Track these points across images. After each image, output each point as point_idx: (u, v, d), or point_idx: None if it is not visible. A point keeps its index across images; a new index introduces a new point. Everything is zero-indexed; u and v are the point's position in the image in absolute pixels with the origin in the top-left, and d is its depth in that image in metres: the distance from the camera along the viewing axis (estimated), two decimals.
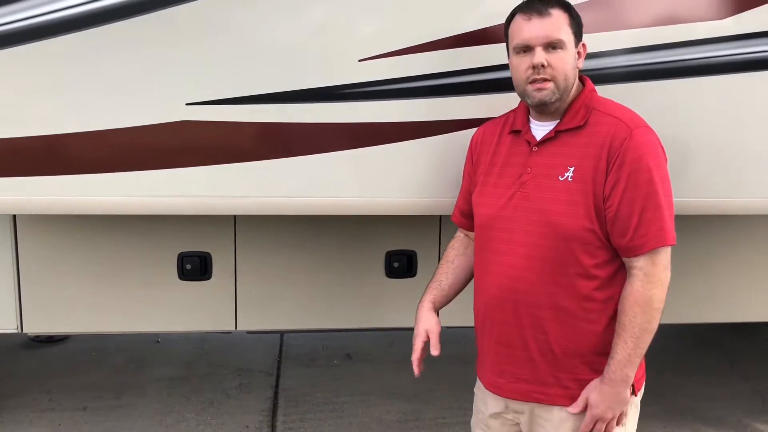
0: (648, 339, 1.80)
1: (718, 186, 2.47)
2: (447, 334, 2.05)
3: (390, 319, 3.24)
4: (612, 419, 1.85)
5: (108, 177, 2.31)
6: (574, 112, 1.88)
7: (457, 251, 2.18)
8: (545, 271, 1.85)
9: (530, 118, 1.96)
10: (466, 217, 2.14)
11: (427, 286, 2.17)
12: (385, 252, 3.15)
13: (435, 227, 3.14)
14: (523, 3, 1.90)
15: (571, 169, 1.83)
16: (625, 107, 1.91)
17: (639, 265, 1.79)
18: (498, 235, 1.92)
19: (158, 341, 4.54)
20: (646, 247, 1.78)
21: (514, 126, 1.98)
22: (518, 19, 1.88)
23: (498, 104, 2.32)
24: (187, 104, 2.25)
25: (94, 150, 2.28)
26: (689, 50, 2.36)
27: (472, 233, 2.12)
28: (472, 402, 2.20)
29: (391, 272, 3.16)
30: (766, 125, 2.45)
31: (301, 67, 2.26)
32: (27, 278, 3.06)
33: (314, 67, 2.26)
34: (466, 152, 2.13)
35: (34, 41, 2.17)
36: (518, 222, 1.88)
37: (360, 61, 2.25)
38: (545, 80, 1.83)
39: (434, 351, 2.07)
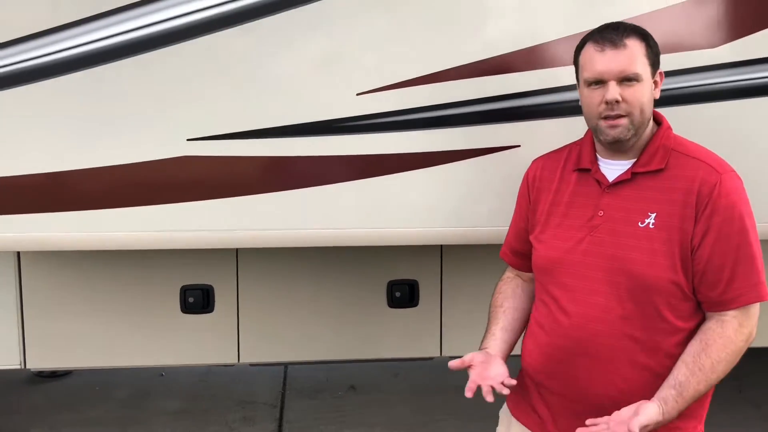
0: (710, 389, 1.69)
1: None
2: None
3: (393, 349, 3.23)
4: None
5: (110, 213, 2.33)
6: (651, 153, 1.75)
7: (506, 294, 2.00)
8: (623, 324, 1.70)
9: (598, 156, 1.83)
10: (517, 255, 2.00)
11: (484, 338, 1.93)
12: (386, 282, 3.15)
13: (437, 257, 3.14)
14: (595, 31, 1.77)
15: (653, 216, 1.69)
16: (705, 148, 1.78)
17: (732, 314, 1.67)
18: (565, 281, 1.78)
19: (162, 375, 4.52)
20: (739, 302, 1.67)
21: (581, 164, 1.84)
22: (590, 49, 1.75)
23: (496, 134, 2.35)
24: (188, 140, 2.28)
25: (95, 186, 2.31)
26: (686, 78, 2.37)
27: (525, 273, 2.01)
28: (478, 431, 2.17)
29: (393, 302, 3.15)
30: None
31: (300, 102, 2.29)
32: (30, 314, 3.06)
33: (313, 101, 2.29)
34: (520, 187, 2.01)
35: (35, 81, 2.21)
36: (590, 268, 1.74)
37: (358, 94, 2.28)
38: (619, 116, 1.70)
39: (505, 391, 1.76)
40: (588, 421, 1.65)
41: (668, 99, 2.33)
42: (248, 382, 4.41)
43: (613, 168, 1.79)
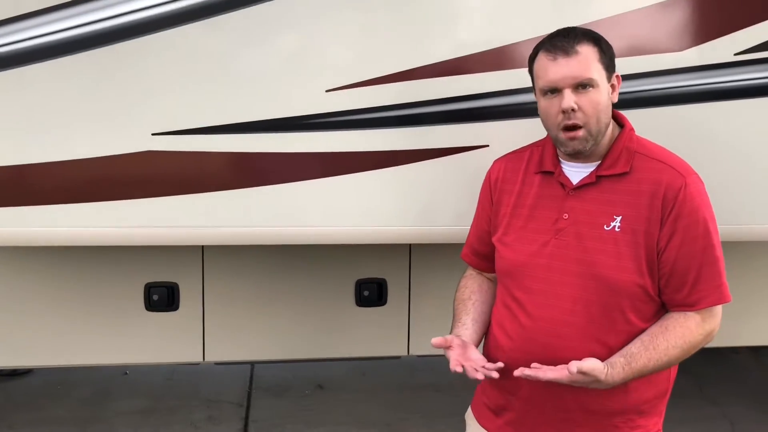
0: (657, 371, 1.71)
1: None
2: (420, 363, 1.98)
3: (361, 348, 3.22)
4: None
5: (72, 208, 2.28)
6: (615, 156, 1.75)
7: (472, 288, 1.99)
8: (590, 327, 1.71)
9: (560, 159, 1.82)
10: (479, 257, 2.00)
11: (452, 330, 1.91)
12: (354, 281, 3.14)
13: (405, 255, 3.14)
14: (546, 38, 1.76)
15: (618, 219, 1.70)
16: (667, 150, 1.80)
17: (698, 312, 1.71)
18: (530, 285, 1.77)
19: (126, 373, 4.45)
20: (703, 303, 1.70)
21: (543, 167, 1.83)
22: (542, 58, 1.73)
23: (465, 133, 2.36)
24: (152, 134, 2.24)
25: (57, 181, 2.26)
26: (651, 81, 2.41)
27: (488, 273, 2.01)
28: (444, 430, 2.17)
29: (362, 301, 3.15)
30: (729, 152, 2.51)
31: (267, 97, 2.26)
32: None
33: (281, 97, 2.27)
34: (481, 188, 2.00)
35: None
36: (556, 272, 1.74)
37: (327, 91, 2.27)
38: (576, 127, 1.69)
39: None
40: (532, 365, 1.67)
41: (636, 101, 2.37)
42: (214, 381, 4.36)
43: (576, 171, 1.79)
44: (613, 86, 1.77)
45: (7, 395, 4.14)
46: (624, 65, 2.33)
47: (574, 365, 1.61)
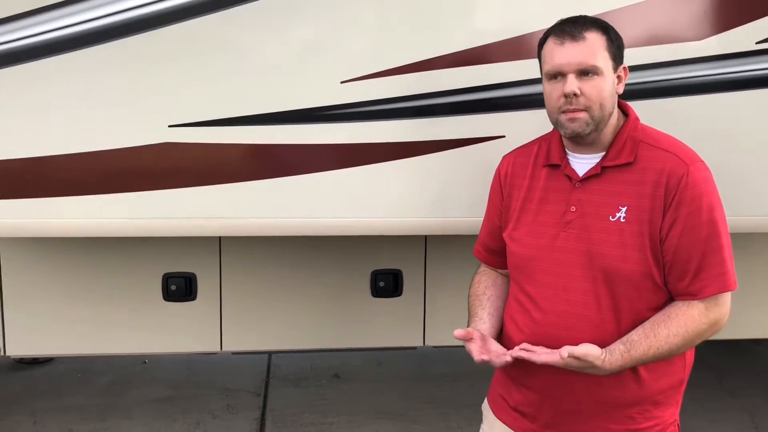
0: (662, 359, 1.70)
1: None
2: (435, 353, 1.97)
3: (376, 338, 3.23)
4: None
5: (91, 199, 2.30)
6: (620, 147, 1.74)
7: (486, 284, 1.99)
8: (600, 319, 1.71)
9: (567, 151, 1.82)
10: (492, 253, 2.00)
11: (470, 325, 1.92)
12: (370, 271, 3.14)
13: (420, 246, 3.14)
14: (555, 25, 1.77)
15: (624, 209, 1.70)
16: (673, 138, 1.78)
17: (701, 301, 1.69)
18: (540, 279, 1.78)
19: (145, 362, 4.50)
20: (706, 292, 1.67)
21: (550, 159, 1.83)
22: (550, 43, 1.74)
23: (481, 124, 2.35)
24: (169, 126, 2.25)
25: (76, 172, 2.28)
26: (672, 70, 2.38)
27: (501, 269, 2.01)
28: (459, 421, 2.17)
29: (377, 292, 3.15)
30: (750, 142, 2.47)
31: (283, 89, 2.26)
32: (10, 300, 3.04)
33: (296, 88, 2.27)
34: (491, 184, 2.00)
35: (13, 65, 2.17)
36: (565, 265, 1.74)
37: (342, 82, 2.26)
38: (578, 110, 1.69)
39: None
40: (522, 345, 1.70)
41: (656, 91, 2.35)
42: (231, 371, 4.40)
43: (582, 162, 1.79)
44: (619, 77, 1.76)
45: (29, 383, 4.20)
46: (643, 55, 2.32)
47: (566, 350, 1.62)
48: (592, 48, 1.69)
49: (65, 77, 2.21)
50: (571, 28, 1.71)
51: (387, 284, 3.15)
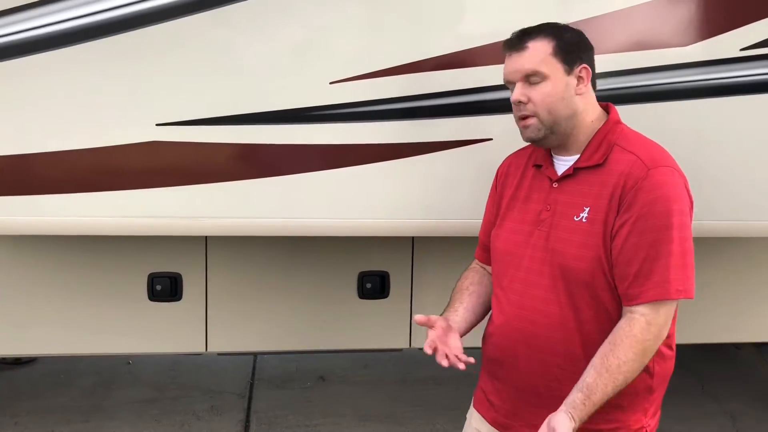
0: (626, 385, 1.66)
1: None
2: (422, 356, 1.97)
3: (363, 340, 3.23)
4: None
5: (76, 197, 2.29)
6: (593, 148, 1.78)
7: (472, 280, 2.04)
8: (560, 315, 1.75)
9: (552, 152, 1.87)
10: (487, 251, 2.02)
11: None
12: (357, 273, 3.14)
13: (408, 248, 3.14)
14: (506, 38, 1.84)
15: (587, 210, 1.74)
16: (650, 143, 1.79)
17: (641, 311, 1.66)
18: (513, 273, 1.84)
19: (129, 363, 4.47)
20: (643, 297, 1.66)
21: (536, 160, 1.89)
22: (504, 55, 1.83)
23: (468, 127, 2.36)
24: (157, 125, 2.24)
25: (61, 170, 2.27)
26: (657, 75, 2.40)
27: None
28: (444, 423, 2.18)
29: (364, 293, 3.15)
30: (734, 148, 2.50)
31: (272, 89, 2.26)
32: None
33: (285, 88, 2.27)
34: (492, 183, 2.04)
35: (2, 61, 2.15)
36: (534, 262, 1.80)
37: (331, 83, 2.27)
38: (527, 116, 1.76)
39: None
40: None
41: (641, 96, 2.37)
42: (216, 372, 4.38)
43: (562, 164, 1.84)
44: (580, 78, 1.77)
45: (11, 384, 4.16)
46: (628, 60, 2.35)
47: None
48: (534, 55, 1.75)
49: (52, 75, 2.20)
50: (514, 39, 1.80)
51: (374, 286, 3.15)
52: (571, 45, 1.78)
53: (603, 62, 2.32)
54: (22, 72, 2.18)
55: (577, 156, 1.81)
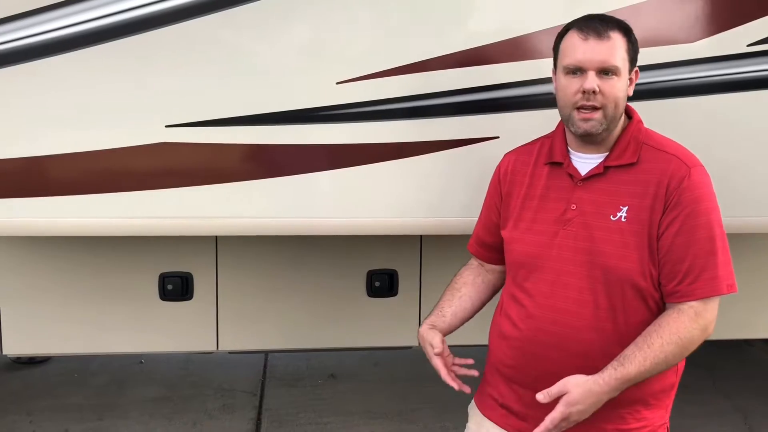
0: (661, 371, 1.68)
1: None
2: None
3: (372, 338, 3.24)
4: (572, 423, 1.66)
5: (88, 198, 2.31)
6: (623, 147, 1.76)
7: (466, 279, 2.05)
8: (597, 317, 1.72)
9: (570, 149, 1.83)
10: (484, 247, 2.03)
11: (429, 313, 2.04)
12: (366, 271, 3.15)
13: (416, 247, 3.16)
14: (581, 19, 1.77)
15: (625, 209, 1.71)
16: (675, 142, 1.80)
17: (689, 304, 1.68)
18: (540, 276, 1.79)
19: (141, 362, 4.50)
20: (696, 295, 1.67)
21: (553, 157, 1.84)
22: (574, 36, 1.73)
23: (475, 125, 2.36)
24: (166, 126, 2.26)
25: (73, 172, 2.29)
26: (664, 72, 2.39)
27: (488, 265, 2.05)
28: (454, 421, 2.18)
29: (373, 291, 3.17)
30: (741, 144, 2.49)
31: (279, 89, 2.28)
32: (7, 300, 3.04)
33: (292, 89, 2.28)
34: (491, 180, 2.02)
35: (12, 65, 2.18)
36: (565, 263, 1.75)
37: (338, 83, 2.28)
38: (594, 108, 1.70)
39: (447, 358, 1.92)
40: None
41: (649, 92, 2.36)
42: (228, 370, 4.41)
43: (585, 161, 1.80)
44: (631, 79, 1.77)
45: (25, 383, 4.21)
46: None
47: (546, 395, 1.64)
48: (615, 48, 1.70)
49: (63, 78, 2.21)
50: (597, 24, 1.71)
51: (382, 284, 3.16)
52: (636, 46, 1.77)
53: None
54: (33, 75, 2.20)
55: (604, 154, 1.78)
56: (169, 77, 2.25)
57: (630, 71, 1.76)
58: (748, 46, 2.38)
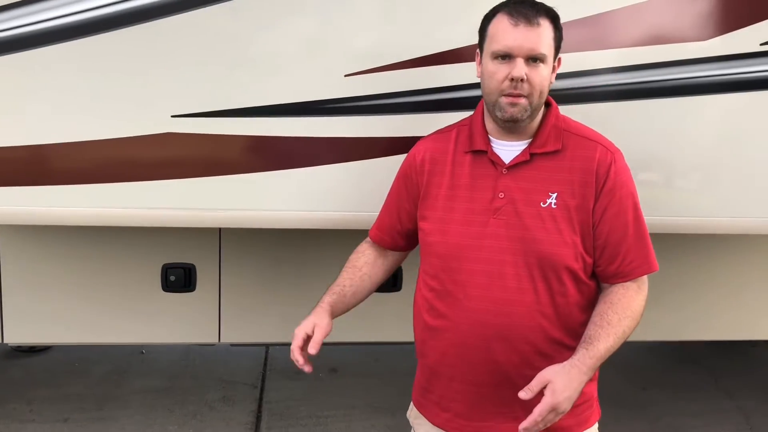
0: (620, 345, 1.72)
1: (705, 205, 2.48)
2: None
3: (374, 332, 3.24)
4: (560, 415, 1.62)
5: (92, 188, 2.30)
6: (546, 135, 1.77)
7: (367, 259, 2.00)
8: (537, 303, 1.73)
9: (491, 137, 1.81)
10: (390, 234, 2.00)
11: (329, 288, 1.97)
12: None
13: None
14: (510, 2, 1.73)
15: (554, 196, 1.73)
16: (589, 128, 1.84)
17: (631, 284, 1.77)
18: (473, 266, 1.75)
19: (143, 352, 4.51)
20: (635, 273, 1.76)
21: (474, 146, 1.81)
22: (503, 21, 1.70)
23: None
24: (172, 116, 2.25)
25: (78, 161, 2.28)
26: (676, 70, 2.38)
27: (391, 252, 2.04)
28: None
29: (384, 285, 3.14)
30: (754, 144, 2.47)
31: (286, 81, 2.26)
32: (8, 288, 3.04)
33: (300, 81, 2.26)
34: (400, 168, 1.97)
35: (16, 52, 2.17)
36: (498, 252, 1.74)
37: (346, 76, 2.26)
38: (520, 95, 1.69)
39: (312, 349, 1.84)
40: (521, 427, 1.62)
41: (660, 90, 2.34)
42: (229, 362, 4.41)
43: (507, 149, 1.79)
44: (554, 68, 1.78)
45: (27, 372, 4.21)
46: (647, 54, 2.32)
47: (527, 391, 1.60)
48: (544, 36, 1.70)
49: (68, 66, 2.20)
50: (527, 10, 1.69)
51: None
52: (561, 34, 1.77)
53: (621, 56, 2.32)
54: (38, 63, 2.19)
55: (525, 141, 1.78)
56: (176, 67, 2.23)
57: (554, 59, 1.76)
58: (762, 44, 2.36)
